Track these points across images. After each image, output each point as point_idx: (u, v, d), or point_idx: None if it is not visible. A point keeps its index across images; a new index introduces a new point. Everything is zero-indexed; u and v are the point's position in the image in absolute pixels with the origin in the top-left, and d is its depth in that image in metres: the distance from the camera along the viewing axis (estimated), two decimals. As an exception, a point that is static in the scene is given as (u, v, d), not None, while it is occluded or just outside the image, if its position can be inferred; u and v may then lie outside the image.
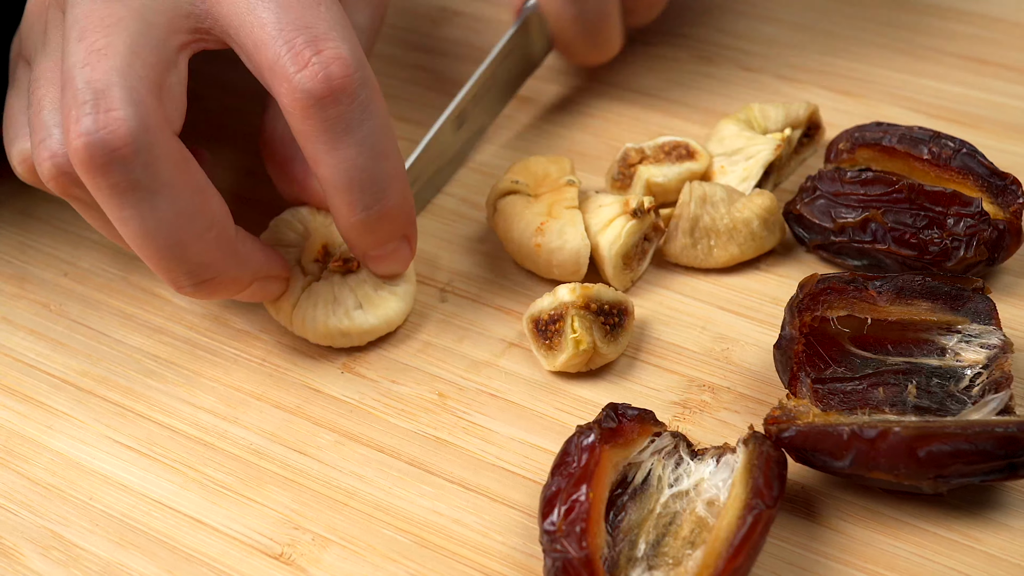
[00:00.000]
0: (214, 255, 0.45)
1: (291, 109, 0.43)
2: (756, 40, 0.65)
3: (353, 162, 0.44)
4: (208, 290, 0.46)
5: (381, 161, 0.45)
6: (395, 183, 0.46)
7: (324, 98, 0.43)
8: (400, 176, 0.46)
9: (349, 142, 0.44)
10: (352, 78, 0.43)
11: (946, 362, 0.45)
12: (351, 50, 0.44)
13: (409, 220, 0.48)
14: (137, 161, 0.42)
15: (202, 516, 0.45)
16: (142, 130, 0.42)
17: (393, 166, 0.45)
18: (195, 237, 0.44)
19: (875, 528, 0.43)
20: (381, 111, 0.45)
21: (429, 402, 0.48)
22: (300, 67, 0.43)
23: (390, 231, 0.47)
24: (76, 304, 0.54)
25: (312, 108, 0.43)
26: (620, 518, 0.42)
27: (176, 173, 0.43)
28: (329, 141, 0.44)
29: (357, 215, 0.46)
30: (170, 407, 0.49)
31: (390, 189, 0.46)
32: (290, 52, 0.43)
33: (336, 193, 0.45)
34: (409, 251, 0.49)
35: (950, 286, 0.46)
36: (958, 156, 0.50)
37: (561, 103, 0.62)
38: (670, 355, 0.49)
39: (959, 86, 0.61)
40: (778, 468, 0.41)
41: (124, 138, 0.41)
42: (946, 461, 0.40)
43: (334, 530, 0.44)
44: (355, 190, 0.45)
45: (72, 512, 0.45)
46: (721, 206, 0.52)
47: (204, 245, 0.44)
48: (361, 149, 0.44)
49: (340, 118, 0.43)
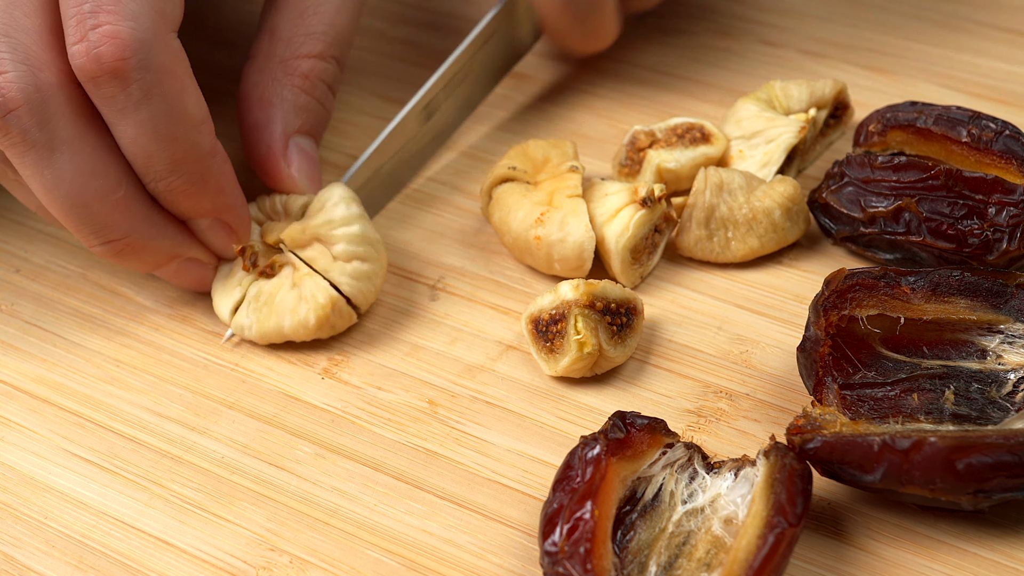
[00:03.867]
0: (120, 217, 0.48)
1: (77, 75, 0.46)
2: (778, 12, 0.65)
3: (133, 141, 0.46)
4: (117, 253, 0.49)
5: (165, 145, 0.46)
6: (183, 167, 0.47)
7: (95, 77, 0.45)
8: (194, 160, 0.47)
9: (127, 122, 0.46)
10: (126, 62, 0.45)
11: (987, 365, 0.45)
12: (133, 28, 0.45)
13: (216, 205, 0.49)
14: (31, 120, 0.45)
15: (168, 536, 0.45)
16: (33, 89, 0.45)
17: (181, 150, 0.47)
18: (98, 196, 0.47)
19: (909, 548, 0.43)
20: (169, 94, 0.46)
21: (418, 410, 0.48)
22: (76, 39, 0.45)
23: (192, 209, 0.49)
24: (29, 303, 0.54)
25: (86, 83, 0.45)
26: (629, 538, 0.42)
27: (76, 131, 0.46)
28: (108, 116, 0.46)
29: (148, 185, 0.48)
30: (133, 416, 0.49)
31: (177, 172, 0.47)
32: (75, 17, 0.45)
33: (128, 158, 0.47)
34: (226, 233, 0.51)
35: (991, 282, 0.46)
36: (1000, 139, 0.50)
37: (563, 81, 0.62)
38: (683, 358, 0.49)
39: (1001, 61, 0.61)
40: (802, 482, 0.41)
41: (15, 99, 0.45)
42: (987, 474, 0.40)
43: (314, 551, 0.44)
44: (139, 165, 0.47)
45: (25, 532, 0.45)
46: (739, 194, 0.52)
47: (109, 206, 0.47)
48: (141, 130, 0.46)
49: (113, 99, 0.45)
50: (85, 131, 0.46)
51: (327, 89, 0.54)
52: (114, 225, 0.48)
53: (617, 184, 0.52)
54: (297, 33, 0.53)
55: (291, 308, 0.49)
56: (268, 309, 0.50)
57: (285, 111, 0.52)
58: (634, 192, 0.51)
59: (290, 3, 0.54)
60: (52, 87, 0.45)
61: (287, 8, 0.54)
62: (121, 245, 0.48)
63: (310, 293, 0.49)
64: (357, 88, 0.63)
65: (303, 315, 0.49)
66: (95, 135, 0.47)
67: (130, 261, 0.49)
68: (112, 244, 0.48)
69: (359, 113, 0.61)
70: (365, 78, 0.64)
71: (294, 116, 0.52)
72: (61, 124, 0.46)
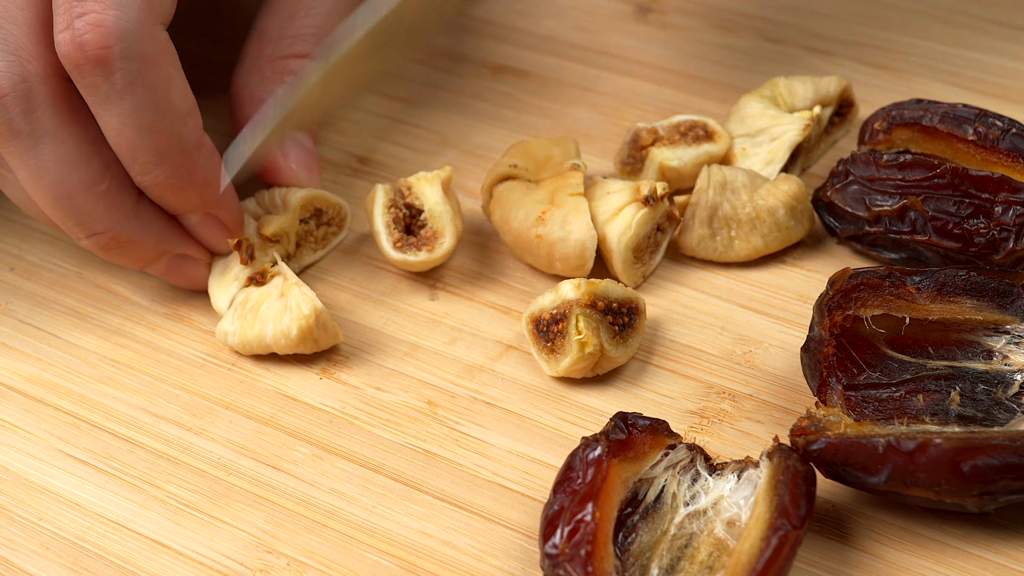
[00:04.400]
0: (104, 209, 0.48)
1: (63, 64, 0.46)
2: (782, 8, 0.65)
3: (117, 131, 0.47)
4: (104, 246, 0.49)
5: (148, 136, 0.47)
6: (168, 158, 0.48)
7: (80, 65, 0.45)
8: (178, 152, 0.48)
9: (112, 112, 0.46)
10: (110, 51, 0.45)
11: (993, 366, 0.45)
12: (117, 18, 0.45)
13: (204, 199, 0.49)
14: (15, 109, 0.46)
15: (164, 538, 0.45)
16: (19, 79, 0.46)
17: (165, 141, 0.47)
18: (82, 187, 0.47)
19: (914, 551, 0.43)
20: (154, 84, 0.46)
21: (417, 411, 0.48)
22: (63, 27, 0.45)
23: (180, 203, 0.49)
24: (24, 302, 0.54)
25: (71, 71, 0.46)
26: (630, 540, 0.42)
27: (60, 122, 0.47)
28: (93, 105, 0.47)
29: (134, 178, 0.48)
30: (129, 417, 0.49)
31: (162, 164, 0.48)
32: (63, 6, 0.46)
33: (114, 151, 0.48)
34: (218, 227, 0.51)
35: (997, 281, 0.46)
36: (1007, 137, 0.50)
37: (564, 78, 0.62)
38: (686, 359, 0.49)
39: (1008, 59, 0.61)
40: (806, 484, 0.41)
41: (3, 87, 0.46)
42: (993, 476, 0.40)
43: (311, 554, 0.44)
44: (124, 157, 0.48)
45: (19, 534, 0.45)
46: (743, 193, 0.52)
47: (92, 197, 0.48)
48: (124, 120, 0.46)
49: (97, 88, 0.46)
50: (69, 122, 0.47)
51: None
52: (97, 217, 0.48)
53: (619, 182, 0.52)
54: (286, 35, 0.54)
55: (274, 317, 0.49)
56: (252, 316, 0.50)
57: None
58: (636, 190, 0.51)
59: (282, 5, 0.55)
60: (38, 78, 0.46)
61: (278, 10, 0.54)
62: (106, 238, 0.49)
63: (295, 303, 0.49)
64: (356, 85, 0.63)
65: (285, 325, 0.49)
66: (79, 127, 0.47)
67: (118, 256, 0.50)
68: (97, 237, 0.49)
69: (358, 110, 0.61)
70: (364, 75, 0.64)
71: None
72: (46, 114, 0.47)
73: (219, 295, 0.51)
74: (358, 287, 0.53)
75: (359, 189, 0.57)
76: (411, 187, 0.52)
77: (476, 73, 0.63)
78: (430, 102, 0.62)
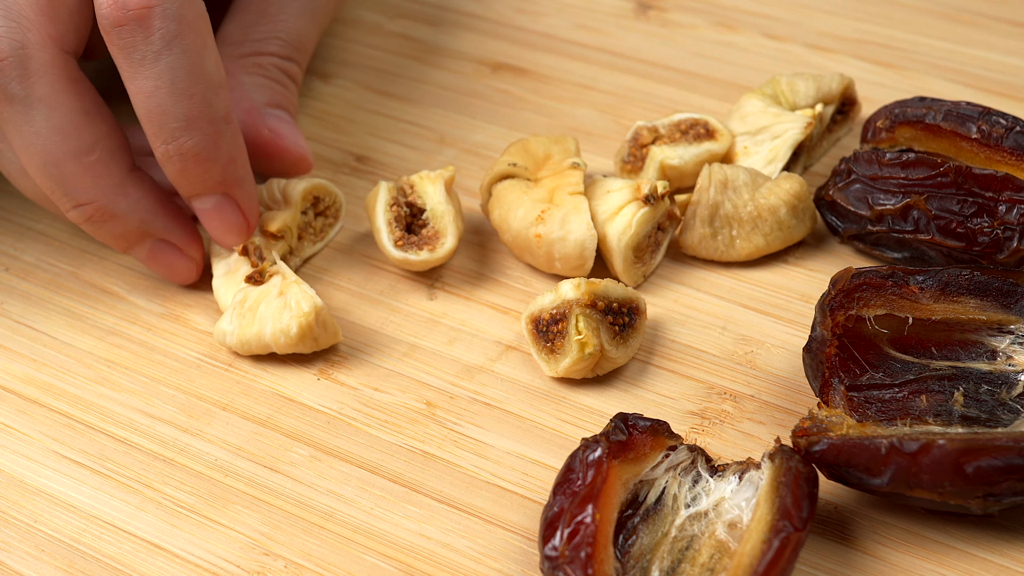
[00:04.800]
0: (92, 180, 0.49)
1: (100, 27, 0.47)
2: (783, 5, 0.65)
3: (149, 95, 0.47)
4: (88, 218, 0.50)
5: (180, 100, 0.47)
6: (197, 125, 0.48)
7: (120, 25, 0.46)
8: (208, 121, 0.48)
9: (145, 74, 0.47)
10: (151, 10, 0.46)
11: (997, 366, 0.45)
12: None
13: (227, 176, 0.50)
14: (12, 73, 0.47)
15: (160, 540, 0.45)
16: (18, 45, 0.47)
17: (196, 107, 0.48)
18: (71, 156, 0.48)
19: (917, 553, 0.43)
20: (191, 48, 0.47)
21: (416, 412, 0.48)
22: None
23: (199, 178, 0.49)
24: (18, 302, 0.54)
25: (109, 32, 0.47)
26: (631, 542, 0.42)
27: (55, 90, 0.48)
28: (126, 68, 0.47)
29: (158, 148, 0.49)
30: (124, 418, 0.49)
31: (191, 130, 0.48)
32: None
33: (141, 121, 0.48)
34: (234, 212, 0.51)
35: (1001, 281, 0.46)
36: (1011, 135, 0.50)
37: (564, 76, 0.62)
38: (687, 359, 0.49)
39: (1012, 56, 0.61)
40: (808, 486, 0.41)
41: (1, 51, 0.47)
42: (997, 477, 0.40)
43: (309, 556, 0.44)
44: (152, 123, 0.48)
45: (14, 536, 0.45)
46: (744, 191, 0.52)
47: (81, 167, 0.49)
48: (158, 83, 0.47)
49: (135, 47, 0.47)
50: (64, 91, 0.48)
51: (284, 74, 0.55)
52: (84, 188, 0.49)
53: (619, 181, 0.52)
54: (248, 38, 0.56)
55: (273, 315, 0.49)
56: (251, 316, 0.50)
57: (247, 91, 0.54)
58: (637, 189, 0.51)
59: (247, 10, 0.56)
60: (37, 45, 0.47)
61: (242, 15, 0.56)
62: (91, 210, 0.49)
63: (295, 301, 0.49)
64: (354, 83, 0.63)
65: (285, 323, 0.49)
66: (74, 96, 0.48)
67: (102, 230, 0.50)
68: (83, 208, 0.49)
69: (356, 108, 0.61)
70: (362, 73, 0.64)
71: (257, 93, 0.54)
72: (41, 81, 0.48)
73: (227, 296, 0.51)
74: (356, 287, 0.53)
75: (357, 188, 0.57)
76: (413, 186, 0.52)
77: (475, 71, 0.63)
78: (429, 100, 0.62)
